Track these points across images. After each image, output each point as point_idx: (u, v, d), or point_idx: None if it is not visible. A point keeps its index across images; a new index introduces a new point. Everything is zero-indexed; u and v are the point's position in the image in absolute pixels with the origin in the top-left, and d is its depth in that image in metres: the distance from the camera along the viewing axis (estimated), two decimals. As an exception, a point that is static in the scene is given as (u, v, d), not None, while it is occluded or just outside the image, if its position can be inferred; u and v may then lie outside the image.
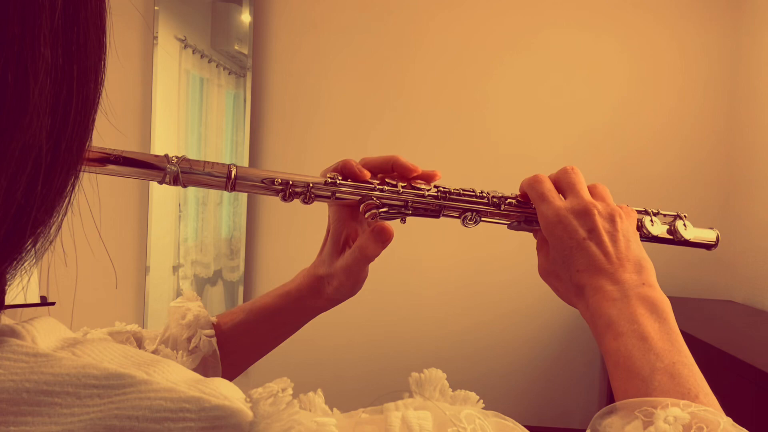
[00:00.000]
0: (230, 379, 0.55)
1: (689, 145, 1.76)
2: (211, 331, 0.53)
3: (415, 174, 0.51)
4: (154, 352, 0.52)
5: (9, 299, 0.25)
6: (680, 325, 0.40)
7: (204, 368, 0.52)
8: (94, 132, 0.25)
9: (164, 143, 1.72)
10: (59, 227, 0.24)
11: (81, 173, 0.25)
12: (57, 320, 0.26)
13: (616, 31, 1.76)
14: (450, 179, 0.54)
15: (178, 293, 1.75)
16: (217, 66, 1.76)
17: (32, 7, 0.20)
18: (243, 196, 1.73)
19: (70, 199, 0.24)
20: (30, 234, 0.23)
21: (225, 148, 1.77)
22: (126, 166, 0.41)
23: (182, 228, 1.75)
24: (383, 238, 0.48)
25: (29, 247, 0.23)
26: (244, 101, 1.74)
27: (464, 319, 1.77)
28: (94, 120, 0.25)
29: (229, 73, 1.77)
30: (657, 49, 1.75)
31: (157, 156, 0.43)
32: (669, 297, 0.42)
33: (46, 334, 0.24)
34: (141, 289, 1.73)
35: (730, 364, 1.01)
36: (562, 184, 0.48)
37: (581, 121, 1.76)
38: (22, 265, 0.23)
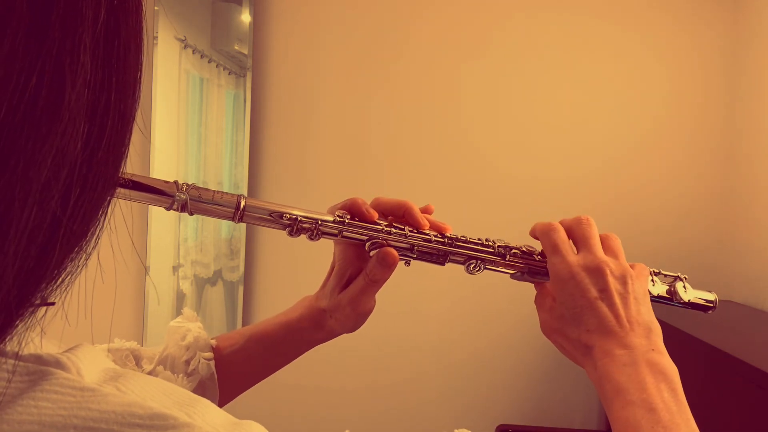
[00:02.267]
0: (227, 402, 0.56)
1: (689, 145, 1.76)
2: (210, 355, 0.53)
3: (425, 228, 0.51)
4: (152, 371, 0.52)
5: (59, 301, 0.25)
6: (680, 326, 0.41)
7: (201, 391, 0.53)
8: None
9: (164, 143, 1.72)
10: (96, 243, 0.24)
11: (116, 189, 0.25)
12: (92, 347, 0.26)
13: (619, 32, 1.76)
14: (449, 179, 0.54)
15: (178, 293, 1.75)
16: (217, 66, 1.76)
17: (74, 14, 0.20)
18: (243, 196, 1.73)
19: (106, 214, 0.24)
20: (67, 250, 0.22)
21: (225, 148, 1.77)
22: (134, 190, 0.41)
23: (182, 228, 1.75)
24: (388, 262, 0.48)
25: (67, 265, 0.23)
26: (244, 101, 1.74)
27: (465, 320, 1.77)
28: (130, 135, 0.25)
29: (229, 73, 1.77)
30: (654, 49, 1.75)
31: (166, 182, 0.43)
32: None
33: (88, 364, 0.24)
34: (141, 289, 1.73)
35: (730, 364, 1.00)
36: (576, 235, 0.48)
37: (580, 121, 1.76)
38: (59, 284, 0.23)
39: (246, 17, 1.76)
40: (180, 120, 1.74)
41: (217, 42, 1.76)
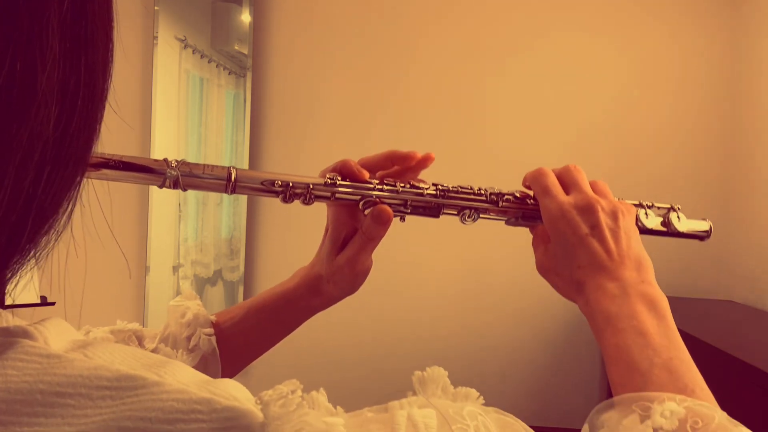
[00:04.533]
0: (230, 377, 0.56)
1: (688, 145, 1.76)
2: (211, 330, 0.54)
3: (415, 161, 0.52)
4: (154, 350, 0.52)
5: (12, 298, 0.25)
6: (680, 325, 0.41)
7: (204, 366, 0.53)
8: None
9: (164, 143, 1.72)
10: (68, 221, 0.25)
11: (88, 168, 0.25)
12: (65, 321, 0.26)
13: (615, 32, 1.76)
14: (449, 178, 0.54)
15: (178, 293, 1.75)
16: (217, 66, 1.76)
17: (40, 0, 0.21)
18: (243, 196, 1.73)
19: (78, 193, 0.25)
20: (38, 226, 0.23)
21: (225, 148, 1.78)
22: (125, 171, 0.41)
23: (182, 228, 1.75)
24: (383, 219, 0.48)
25: (39, 241, 0.24)
26: (244, 101, 1.74)
27: (465, 319, 1.77)
28: (102, 113, 0.25)
29: (229, 73, 1.77)
30: (656, 49, 1.75)
31: (156, 160, 0.43)
32: (669, 297, 0.42)
33: (57, 335, 0.24)
34: (141, 289, 1.73)
35: (730, 364, 1.01)
36: (566, 179, 0.49)
37: (581, 121, 1.76)
38: (31, 260, 0.24)
39: (246, 17, 1.76)
40: (180, 120, 1.74)
41: (217, 42, 1.76)
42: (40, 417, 0.21)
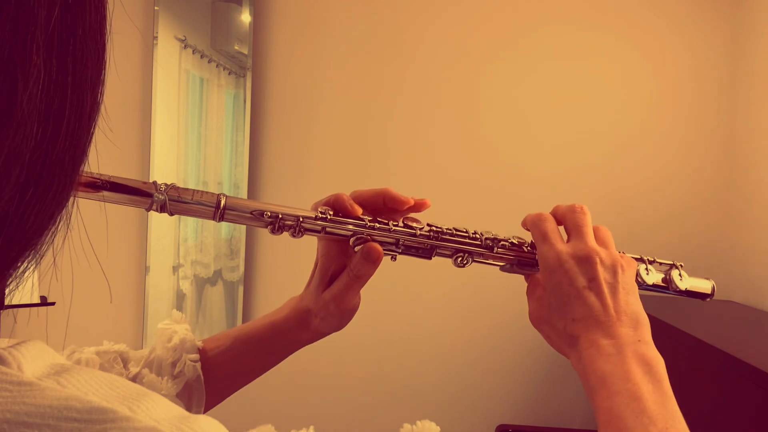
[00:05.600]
0: (214, 405, 0.55)
1: (688, 145, 1.76)
2: (196, 356, 0.53)
3: (406, 206, 0.51)
4: (138, 374, 0.51)
5: (9, 299, 0.25)
6: (680, 325, 0.40)
7: (188, 393, 0.52)
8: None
9: (164, 143, 1.72)
10: (52, 240, 0.24)
11: (76, 190, 0.24)
12: (44, 344, 0.25)
13: (619, 30, 1.76)
14: (450, 178, 0.54)
15: (178, 293, 1.75)
16: (217, 66, 1.76)
17: (26, 15, 0.20)
18: (243, 195, 1.73)
19: (64, 214, 0.24)
20: (17, 248, 0.22)
21: (225, 148, 1.77)
22: (113, 192, 0.41)
23: (182, 228, 1.75)
24: (372, 258, 0.47)
25: (26, 257, 0.23)
26: (244, 101, 1.74)
27: (464, 319, 1.77)
28: (91, 134, 0.25)
29: (229, 73, 1.77)
30: (658, 47, 1.75)
31: (145, 183, 0.42)
32: (668, 297, 0.42)
33: (32, 359, 0.23)
34: (141, 289, 1.73)
35: (730, 364, 1.00)
36: (568, 223, 0.47)
37: (581, 121, 1.76)
38: (10, 282, 0.23)
39: (246, 17, 1.76)
40: (180, 120, 1.74)
41: (217, 42, 1.76)
42: None
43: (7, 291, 0.24)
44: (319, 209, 0.47)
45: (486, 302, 1.77)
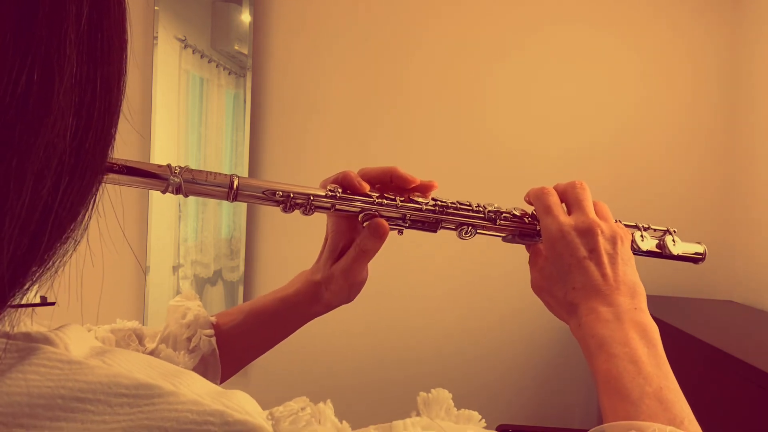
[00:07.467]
0: (228, 377, 0.57)
1: (688, 145, 1.76)
2: (211, 331, 0.55)
3: (413, 185, 0.53)
4: (155, 350, 0.53)
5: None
6: (680, 325, 0.41)
7: (203, 367, 0.54)
8: None
9: (164, 143, 1.72)
10: (85, 230, 0.25)
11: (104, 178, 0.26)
12: (82, 327, 0.26)
13: (621, 27, 1.76)
14: (450, 177, 0.54)
15: (178, 293, 1.75)
16: (217, 66, 1.76)
17: (59, 12, 0.21)
18: (243, 196, 1.73)
19: (94, 203, 0.25)
20: (56, 236, 0.23)
21: (225, 148, 1.78)
22: (129, 175, 0.42)
23: (182, 228, 1.75)
24: (379, 233, 0.49)
25: (57, 250, 0.24)
26: (244, 101, 1.75)
27: (464, 319, 1.78)
28: (116, 125, 0.26)
29: (229, 73, 1.77)
30: (662, 45, 1.75)
31: (160, 166, 0.44)
32: (668, 297, 0.43)
33: (76, 341, 0.25)
34: (141, 289, 1.74)
35: (730, 364, 1.01)
36: (569, 198, 0.49)
37: (582, 121, 1.76)
38: (50, 269, 0.24)
39: (246, 17, 1.76)
40: (180, 120, 1.74)
41: (217, 42, 1.76)
42: (61, 421, 0.21)
43: (44, 277, 0.24)
44: (329, 187, 0.49)
45: (486, 302, 1.77)
